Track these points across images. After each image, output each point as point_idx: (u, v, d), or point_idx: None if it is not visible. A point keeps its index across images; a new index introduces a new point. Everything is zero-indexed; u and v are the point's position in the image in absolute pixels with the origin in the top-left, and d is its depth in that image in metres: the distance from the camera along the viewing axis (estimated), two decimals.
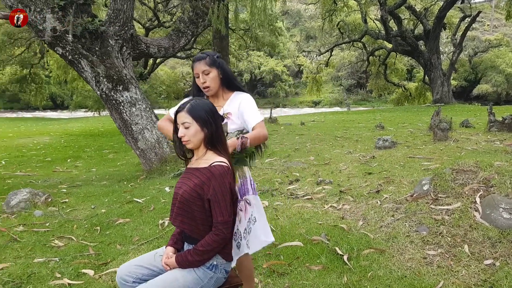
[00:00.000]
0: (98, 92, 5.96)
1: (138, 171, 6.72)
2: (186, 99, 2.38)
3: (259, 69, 43.53)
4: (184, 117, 1.76)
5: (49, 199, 4.87)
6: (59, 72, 17.35)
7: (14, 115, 34.54)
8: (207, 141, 1.77)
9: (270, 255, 3.17)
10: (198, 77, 2.22)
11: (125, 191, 5.49)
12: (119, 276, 1.84)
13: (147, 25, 18.30)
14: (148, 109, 6.23)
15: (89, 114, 25.43)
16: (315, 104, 43.20)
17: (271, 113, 13.32)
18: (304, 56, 43.38)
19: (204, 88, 2.23)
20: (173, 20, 16.15)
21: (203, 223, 1.75)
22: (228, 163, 1.75)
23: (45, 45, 6.37)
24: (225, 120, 2.20)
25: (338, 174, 5.48)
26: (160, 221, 4.07)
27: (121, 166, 7.78)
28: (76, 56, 5.70)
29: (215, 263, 1.78)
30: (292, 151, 7.46)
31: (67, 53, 5.66)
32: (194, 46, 19.81)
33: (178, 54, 21.87)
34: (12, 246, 3.54)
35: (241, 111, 2.25)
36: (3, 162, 8.18)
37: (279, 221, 3.88)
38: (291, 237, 3.48)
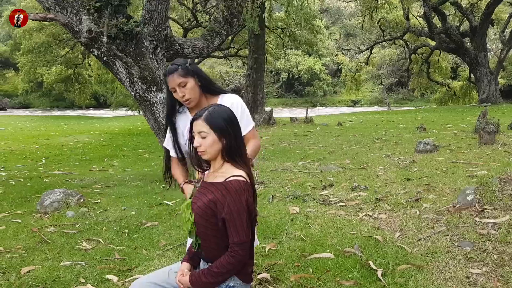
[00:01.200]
0: (132, 93, 6.00)
1: None
2: (168, 133, 2.19)
3: (297, 68, 43.10)
4: (200, 125, 1.62)
5: (82, 200, 4.93)
6: (100, 72, 17.89)
7: (59, 113, 36.11)
8: (225, 152, 1.63)
9: (298, 267, 3.00)
10: (175, 91, 2.05)
11: (156, 192, 5.49)
12: None
13: (185, 25, 18.49)
14: None
15: (130, 113, 26.11)
16: (354, 103, 42.25)
17: (306, 113, 13.08)
18: (343, 55, 42.50)
19: (184, 101, 2.07)
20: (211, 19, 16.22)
21: (217, 242, 1.61)
22: (246, 177, 1.60)
23: (82, 46, 6.49)
24: None
25: (375, 179, 5.22)
26: None
27: (155, 166, 7.84)
28: (111, 57, 5.75)
29: (231, 284, 1.65)
30: (327, 153, 7.23)
31: (102, 54, 5.72)
32: (232, 46, 19.84)
33: (216, 54, 22.02)
34: (41, 248, 3.57)
35: None
36: (43, 161, 8.47)
37: (310, 230, 3.70)
38: (322, 248, 3.29)
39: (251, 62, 13.46)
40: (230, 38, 19.09)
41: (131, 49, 5.81)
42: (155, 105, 5.99)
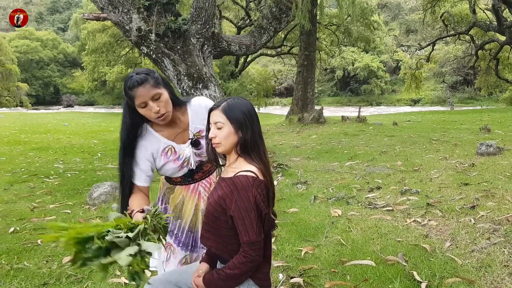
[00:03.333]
0: (180, 90, 6.07)
1: None
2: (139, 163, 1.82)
3: (353, 65, 41.97)
4: (217, 116, 1.54)
5: None
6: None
7: (119, 110, 37.85)
8: (240, 146, 1.54)
9: (335, 274, 2.83)
10: (145, 106, 1.69)
11: None
12: None
13: (239, 24, 18.65)
14: None
15: None
16: (414, 102, 40.35)
17: (359, 111, 12.64)
18: (403, 51, 40.74)
19: (159, 117, 1.73)
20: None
21: (230, 241, 1.52)
22: (257, 172, 1.49)
23: (132, 44, 6.68)
24: (201, 144, 1.91)
25: (428, 183, 4.86)
26: None
27: None
28: (159, 54, 5.85)
29: None
30: (377, 154, 6.89)
31: (151, 52, 5.84)
32: (284, 43, 19.70)
33: (268, 52, 21.98)
34: None
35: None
36: (99, 155, 8.86)
37: (351, 234, 3.50)
38: (363, 254, 3.09)
39: (301, 59, 13.23)
40: (282, 35, 18.99)
41: (178, 47, 5.88)
42: None
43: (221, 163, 1.68)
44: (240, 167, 1.51)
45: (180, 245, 1.98)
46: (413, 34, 43.42)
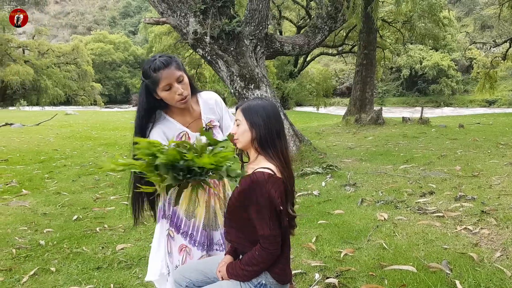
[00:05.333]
0: (232, 90, 6.26)
1: None
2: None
3: (421, 64, 39.99)
4: (238, 114, 1.70)
5: None
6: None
7: None
8: (257, 143, 1.64)
9: (372, 277, 2.79)
10: (169, 88, 1.72)
11: None
12: (174, 278, 1.85)
13: (299, 23, 18.63)
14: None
15: None
16: (490, 103, 37.53)
17: (421, 112, 12.08)
18: (477, 49, 38.07)
19: (182, 100, 1.76)
20: None
21: (250, 236, 1.62)
22: (274, 170, 1.57)
23: (189, 46, 6.97)
24: (214, 134, 1.92)
25: (487, 189, 4.58)
26: None
27: None
28: (214, 56, 6.08)
29: (263, 282, 1.63)
30: (436, 157, 6.58)
31: (206, 54, 6.08)
32: (346, 42, 19.34)
33: (330, 51, 21.69)
34: (138, 229, 3.94)
35: (220, 115, 1.98)
36: None
37: (395, 239, 3.42)
38: (404, 260, 3.01)
39: (360, 58, 12.93)
40: (344, 34, 18.64)
41: (232, 48, 6.06)
42: None
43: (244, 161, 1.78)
44: (258, 165, 1.61)
45: (196, 245, 1.94)
46: (489, 31, 40.51)
